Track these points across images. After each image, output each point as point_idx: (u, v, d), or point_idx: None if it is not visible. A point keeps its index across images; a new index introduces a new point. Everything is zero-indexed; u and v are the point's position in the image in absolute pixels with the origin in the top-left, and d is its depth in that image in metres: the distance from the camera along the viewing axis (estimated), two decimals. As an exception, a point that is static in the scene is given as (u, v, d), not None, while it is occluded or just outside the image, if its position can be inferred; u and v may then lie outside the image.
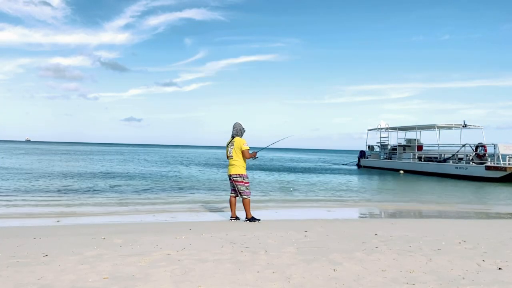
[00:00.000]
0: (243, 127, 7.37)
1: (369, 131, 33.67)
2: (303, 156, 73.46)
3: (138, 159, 40.02)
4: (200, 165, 31.69)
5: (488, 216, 9.62)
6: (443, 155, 25.03)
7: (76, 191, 12.37)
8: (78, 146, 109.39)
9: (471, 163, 22.56)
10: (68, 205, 9.50)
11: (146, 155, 51.32)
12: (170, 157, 46.70)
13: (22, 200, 10.20)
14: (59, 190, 12.34)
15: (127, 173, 21.05)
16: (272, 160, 45.85)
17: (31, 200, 10.14)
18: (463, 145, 23.67)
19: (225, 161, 36.06)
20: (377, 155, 32.36)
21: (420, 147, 27.90)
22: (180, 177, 19.42)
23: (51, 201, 10.15)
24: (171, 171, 23.76)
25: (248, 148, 7.18)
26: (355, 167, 33.56)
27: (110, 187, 13.93)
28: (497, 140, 21.72)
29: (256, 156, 7.45)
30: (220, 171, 24.72)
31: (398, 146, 29.82)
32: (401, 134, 32.21)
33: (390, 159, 29.92)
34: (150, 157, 46.32)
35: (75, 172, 20.47)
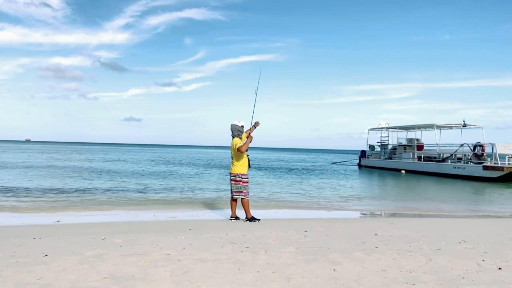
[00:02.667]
0: (241, 125, 7.27)
1: (369, 131, 33.67)
2: (294, 156, 73.40)
3: (138, 159, 40.02)
4: (199, 165, 31.68)
5: (487, 216, 9.62)
6: (442, 155, 25.05)
7: (75, 190, 12.37)
8: (78, 146, 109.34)
9: (469, 162, 22.57)
10: (68, 205, 9.50)
11: (146, 155, 51.32)
12: (170, 157, 46.68)
13: (22, 200, 10.20)
14: (58, 190, 12.34)
15: (126, 172, 21.05)
16: (262, 160, 45.83)
17: (31, 200, 10.14)
18: (461, 145, 23.70)
19: (217, 162, 36.16)
20: (378, 155, 32.34)
21: (421, 147, 27.90)
22: (179, 176, 19.41)
23: (50, 201, 10.15)
24: (170, 171, 23.75)
25: (241, 144, 7.12)
26: (356, 167, 33.52)
27: (110, 186, 13.92)
28: (495, 140, 21.76)
29: (250, 135, 7.37)
30: (219, 171, 24.72)
31: (399, 145, 29.82)
32: (402, 134, 32.21)
33: (391, 159, 29.91)
34: (150, 157, 46.33)
35: (74, 171, 20.47)
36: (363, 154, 34.19)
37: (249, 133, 7.37)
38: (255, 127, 7.53)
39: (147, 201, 10.58)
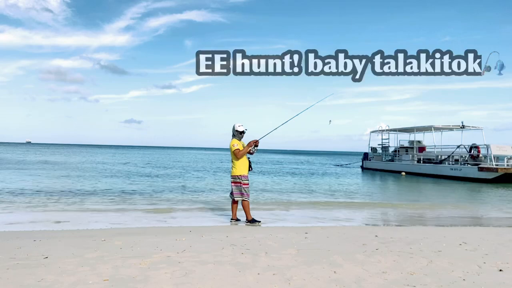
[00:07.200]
0: (236, 128, 7.18)
1: (371, 133, 33.65)
2: (288, 157, 73.35)
3: (138, 160, 40.02)
4: (199, 166, 31.68)
5: (487, 218, 9.61)
6: (439, 157, 25.06)
7: (75, 192, 12.37)
8: (79, 148, 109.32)
9: (466, 164, 22.60)
10: (68, 207, 9.49)
11: (146, 157, 51.33)
12: (170, 159, 46.69)
13: (22, 201, 10.19)
14: (59, 191, 12.34)
15: (126, 174, 21.05)
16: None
17: (31, 201, 10.13)
18: (458, 146, 23.76)
19: (217, 164, 36.14)
20: (380, 157, 32.32)
21: (423, 149, 27.88)
22: (179, 178, 19.41)
23: (51, 202, 10.14)
24: (170, 172, 23.76)
25: (236, 148, 7.08)
26: (359, 170, 33.47)
27: (110, 188, 13.92)
28: (494, 141, 21.78)
29: (254, 149, 7.24)
30: (219, 173, 24.72)
31: (401, 147, 29.83)
32: (402, 136, 32.18)
33: (393, 161, 29.90)
34: (151, 158, 46.33)
35: (73, 173, 20.47)
36: (365, 156, 34.15)
37: (249, 146, 7.17)
38: (255, 145, 7.19)
39: (147, 202, 10.56)
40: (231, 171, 7.27)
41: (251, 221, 7.23)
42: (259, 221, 7.30)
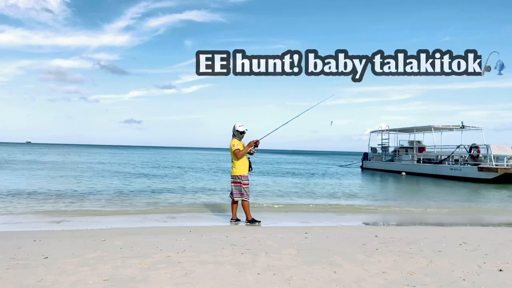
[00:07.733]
0: (237, 128, 7.20)
1: (371, 133, 33.63)
2: (284, 157, 73.32)
3: (138, 161, 40.00)
4: (199, 167, 31.67)
5: (487, 218, 9.61)
6: (439, 157, 25.05)
7: (75, 192, 12.36)
8: (78, 148, 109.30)
9: (466, 164, 22.59)
10: (67, 207, 9.49)
11: (147, 157, 51.30)
12: (170, 159, 46.67)
13: (22, 201, 10.18)
14: (58, 192, 12.33)
15: (125, 174, 21.05)
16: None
17: (30, 202, 10.13)
18: (458, 146, 23.75)
19: (217, 164, 36.14)
20: (380, 157, 32.32)
21: (423, 149, 27.87)
22: (179, 178, 19.41)
23: (50, 202, 10.14)
24: (170, 173, 23.75)
25: (236, 148, 7.09)
26: (358, 169, 33.48)
27: (110, 188, 13.91)
28: (494, 141, 21.77)
29: (255, 149, 7.24)
30: (219, 173, 24.71)
31: (401, 148, 29.82)
32: (402, 136, 32.16)
33: (393, 161, 29.89)
34: (151, 159, 46.31)
35: (73, 173, 20.47)
36: (365, 156, 34.14)
37: (249, 146, 7.17)
38: (255, 145, 7.21)
39: (147, 203, 10.56)
40: (231, 171, 7.27)
41: (251, 221, 7.23)
42: (259, 221, 7.30)
